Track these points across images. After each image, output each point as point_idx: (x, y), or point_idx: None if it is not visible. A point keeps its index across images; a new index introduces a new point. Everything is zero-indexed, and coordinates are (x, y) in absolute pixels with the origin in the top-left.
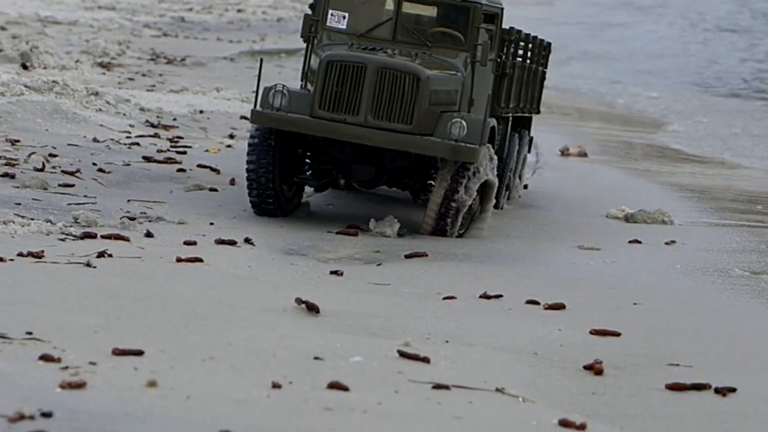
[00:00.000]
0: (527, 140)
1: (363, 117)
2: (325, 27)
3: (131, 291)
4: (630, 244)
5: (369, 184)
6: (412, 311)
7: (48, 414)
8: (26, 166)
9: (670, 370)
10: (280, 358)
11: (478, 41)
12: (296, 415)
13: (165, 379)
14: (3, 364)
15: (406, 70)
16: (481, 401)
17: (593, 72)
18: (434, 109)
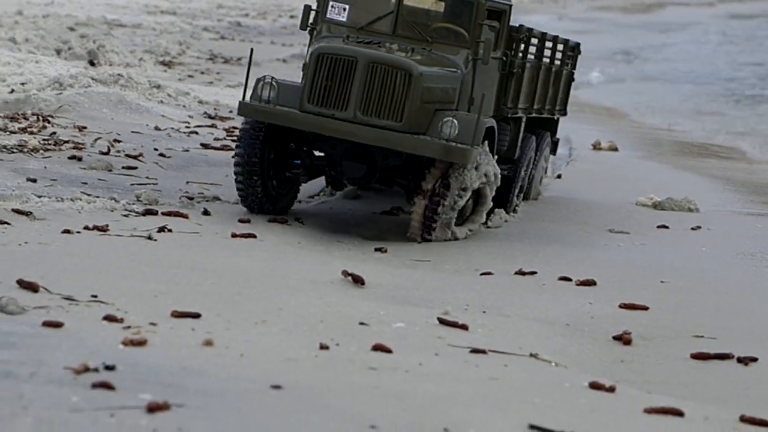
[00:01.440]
0: (548, 142)
1: (352, 112)
2: (325, 19)
3: (189, 262)
4: (658, 229)
5: (360, 182)
6: (451, 285)
7: (111, 367)
8: (92, 150)
9: (695, 342)
10: (327, 323)
11: (480, 38)
12: (342, 373)
13: (220, 339)
14: (70, 323)
15: (397, 65)
16: (515, 365)
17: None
18: (428, 107)
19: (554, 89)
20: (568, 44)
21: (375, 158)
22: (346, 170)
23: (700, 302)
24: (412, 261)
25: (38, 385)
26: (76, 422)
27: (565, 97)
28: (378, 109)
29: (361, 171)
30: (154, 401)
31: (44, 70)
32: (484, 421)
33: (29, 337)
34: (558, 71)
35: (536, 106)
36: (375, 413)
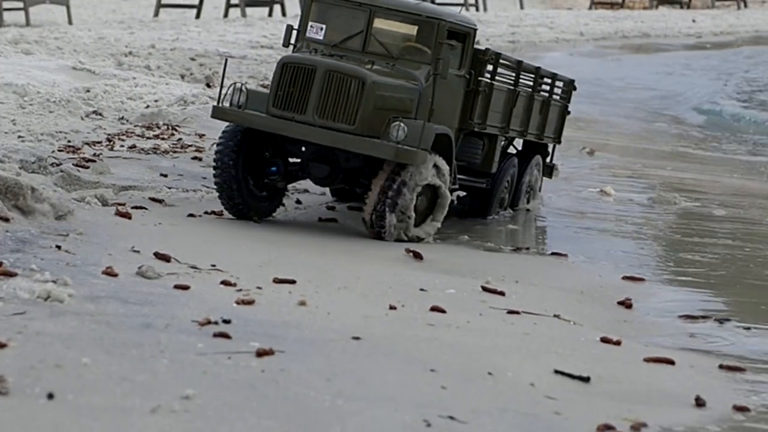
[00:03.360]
0: (536, 164)
1: (310, 116)
2: (305, 38)
3: (286, 240)
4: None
5: (324, 182)
6: (491, 260)
7: (227, 321)
8: (209, 152)
9: (684, 306)
10: (394, 289)
11: (440, 56)
12: (407, 328)
13: (312, 300)
14: (194, 287)
15: (351, 74)
16: (542, 323)
17: None
18: (381, 113)
19: (542, 117)
20: (556, 78)
21: (338, 160)
22: (312, 171)
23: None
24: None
25: (171, 334)
26: (201, 363)
27: (559, 127)
28: (334, 113)
29: (325, 172)
30: (262, 348)
31: (172, 90)
32: (519, 367)
33: (163, 296)
34: (545, 101)
35: (516, 128)
36: (434, 359)
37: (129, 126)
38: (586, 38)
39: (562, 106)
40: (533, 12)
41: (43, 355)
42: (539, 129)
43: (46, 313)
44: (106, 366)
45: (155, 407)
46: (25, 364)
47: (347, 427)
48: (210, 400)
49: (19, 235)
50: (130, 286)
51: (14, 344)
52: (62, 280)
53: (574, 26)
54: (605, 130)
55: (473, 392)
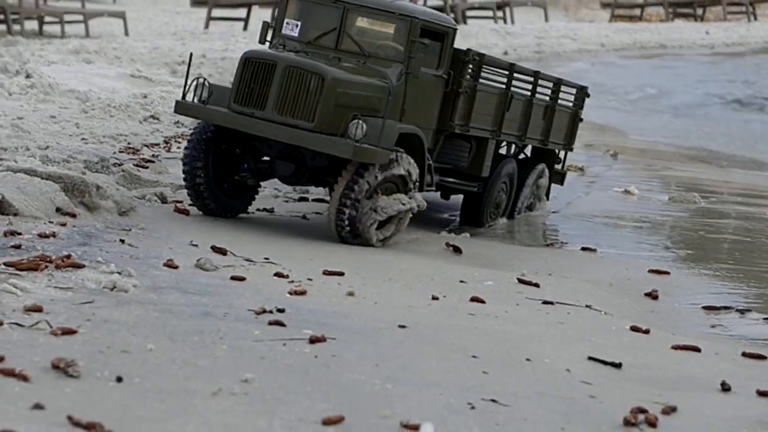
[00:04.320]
0: (540, 171)
1: (269, 112)
2: (280, 34)
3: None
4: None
5: (290, 180)
6: (525, 254)
7: (281, 310)
8: None
9: (707, 298)
10: (436, 281)
11: (412, 54)
12: (449, 317)
13: (359, 291)
14: (250, 278)
15: (312, 70)
16: (575, 313)
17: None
18: (344, 111)
19: (546, 122)
20: (561, 83)
21: (304, 158)
22: (278, 169)
23: (719, 267)
24: (494, 237)
25: (230, 322)
26: (258, 349)
27: (570, 133)
28: (293, 109)
29: (290, 170)
30: (315, 335)
31: None
32: (555, 354)
33: (221, 287)
34: (549, 106)
35: (510, 132)
36: (475, 346)
37: (184, 129)
38: (607, 49)
39: (572, 113)
40: (557, 24)
41: (111, 341)
42: (543, 135)
43: (112, 302)
44: (169, 351)
45: (216, 390)
46: (94, 350)
47: (396, 409)
48: (267, 384)
49: (86, 230)
50: (189, 278)
51: (84, 331)
52: (126, 272)
53: (595, 38)
54: (628, 133)
55: (513, 377)
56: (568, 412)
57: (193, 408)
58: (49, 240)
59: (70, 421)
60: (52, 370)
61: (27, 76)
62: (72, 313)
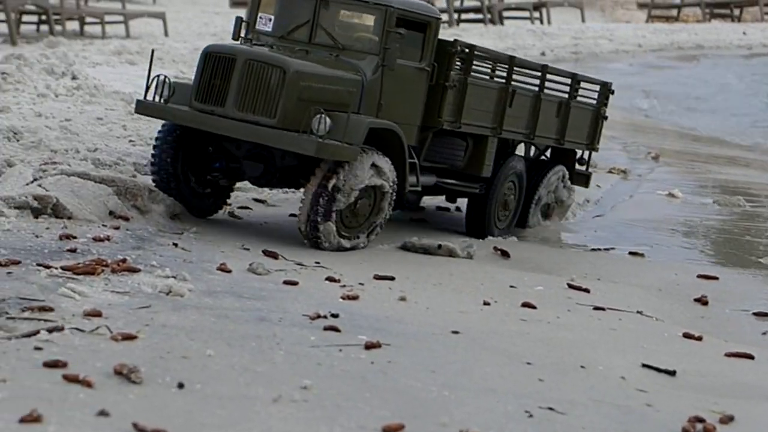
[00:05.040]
0: (559, 174)
1: (229, 109)
2: (255, 29)
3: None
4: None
5: (259, 181)
6: (572, 258)
7: (335, 315)
8: None
9: (757, 304)
10: (486, 285)
11: (387, 45)
12: (501, 323)
13: (410, 296)
14: (302, 282)
15: (272, 63)
16: (627, 319)
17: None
18: (308, 106)
19: (561, 120)
20: (576, 78)
21: (273, 158)
22: (246, 170)
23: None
24: (541, 241)
25: (285, 327)
26: (315, 355)
27: (592, 132)
28: (253, 105)
29: (259, 170)
30: (370, 341)
31: None
32: (609, 361)
33: (274, 291)
34: (563, 102)
35: (514, 129)
36: (528, 353)
37: None
38: (644, 50)
39: (594, 110)
40: (594, 25)
41: (170, 347)
42: (559, 133)
43: (169, 307)
44: (228, 357)
45: (277, 397)
46: (154, 355)
47: (455, 416)
48: (326, 390)
49: (138, 233)
50: (243, 282)
51: (143, 336)
52: (181, 276)
53: (632, 38)
54: (668, 135)
55: (568, 384)
56: (625, 420)
57: (255, 415)
58: (104, 244)
59: (136, 428)
60: (115, 375)
61: (73, 78)
62: (130, 317)
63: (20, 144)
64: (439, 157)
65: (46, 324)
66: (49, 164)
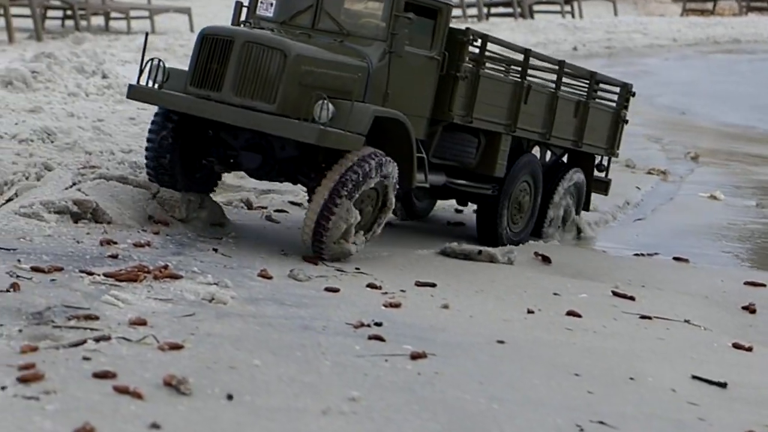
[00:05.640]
0: (576, 180)
1: (226, 93)
2: (255, 15)
3: (419, 243)
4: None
5: (257, 174)
6: (615, 263)
7: (379, 323)
8: None
9: None
10: (529, 292)
11: (395, 30)
12: (546, 331)
13: (453, 303)
14: (343, 289)
15: (272, 45)
16: (674, 328)
17: None
18: (310, 92)
19: (579, 121)
20: (595, 77)
21: (273, 148)
22: (243, 160)
23: None
24: (581, 246)
25: (329, 336)
26: (361, 365)
27: (612, 136)
28: (252, 90)
29: (257, 161)
30: (416, 351)
31: None
32: (658, 372)
33: (316, 298)
34: (581, 103)
35: (529, 128)
36: (576, 363)
37: None
38: (679, 44)
39: (614, 113)
40: (627, 18)
41: (217, 357)
42: (576, 135)
43: (212, 315)
44: (275, 367)
45: (325, 409)
46: (201, 365)
47: (505, 430)
48: (374, 402)
49: (178, 238)
50: (284, 288)
51: (189, 346)
52: (223, 283)
53: (666, 32)
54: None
55: (618, 397)
56: None
57: (305, 427)
58: (144, 249)
59: None
60: (164, 387)
61: (103, 77)
62: (175, 326)
63: (55, 145)
64: (449, 153)
65: (92, 333)
66: (87, 168)
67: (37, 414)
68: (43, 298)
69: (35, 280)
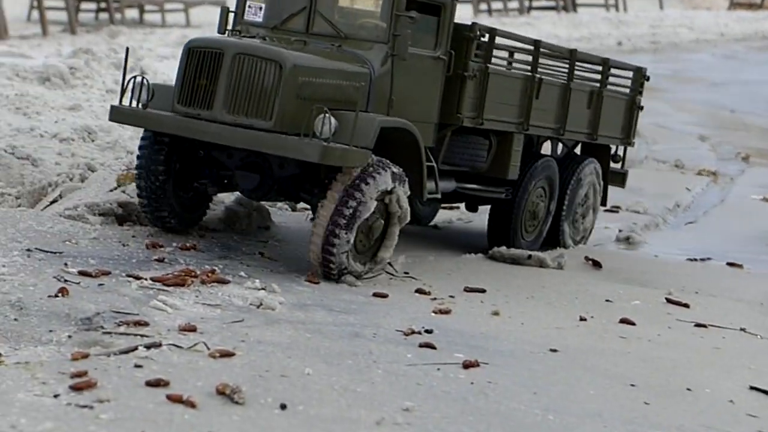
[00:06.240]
0: (592, 171)
1: (218, 111)
2: (243, 21)
3: (464, 246)
4: None
5: (255, 194)
6: (667, 269)
7: (429, 331)
8: None
9: None
10: (581, 299)
11: (397, 31)
12: (600, 340)
13: (504, 310)
14: (392, 295)
15: (266, 56)
16: (731, 337)
17: None
18: (309, 105)
19: (593, 112)
20: (608, 64)
21: (270, 167)
22: (239, 181)
23: None
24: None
25: (380, 343)
26: (413, 374)
27: (627, 124)
28: (246, 106)
29: (254, 182)
30: (468, 360)
31: None
32: (715, 383)
33: (365, 304)
34: (594, 92)
35: (542, 124)
36: (631, 373)
37: None
38: (726, 39)
39: (628, 100)
40: (672, 12)
41: (268, 365)
42: (591, 127)
43: (261, 321)
44: (327, 376)
45: (380, 419)
46: (254, 374)
47: None
48: (428, 412)
49: (223, 242)
50: (332, 294)
51: (240, 353)
52: (270, 288)
53: (713, 27)
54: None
55: (676, 408)
56: None
57: None
58: (190, 252)
59: None
60: (217, 395)
61: (142, 73)
62: (225, 333)
63: (96, 144)
64: (459, 158)
65: (142, 340)
66: (131, 170)
67: (92, 423)
68: (91, 303)
69: (83, 284)
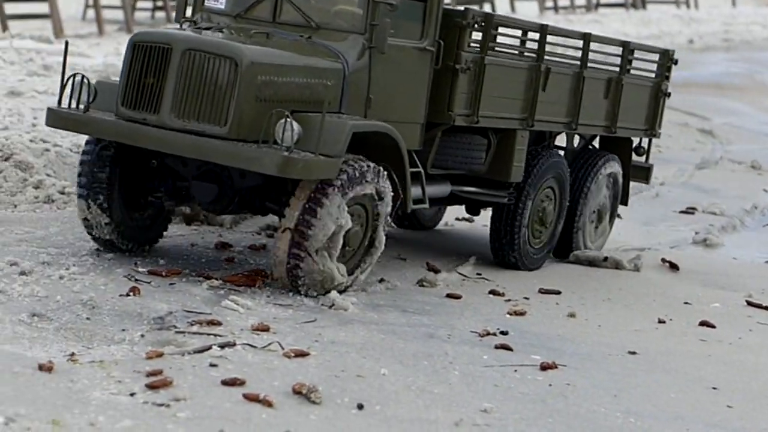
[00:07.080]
0: (610, 168)
1: (165, 116)
2: (203, 7)
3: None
4: None
5: (214, 207)
6: (746, 270)
7: (505, 332)
8: None
9: None
10: (658, 301)
11: (375, 20)
12: (680, 342)
13: (580, 312)
14: (466, 296)
15: (220, 52)
16: None
17: None
18: (268, 107)
19: (611, 101)
20: (628, 47)
21: (230, 177)
22: (195, 193)
23: None
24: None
25: (455, 345)
26: (490, 376)
27: (651, 114)
28: (197, 110)
29: (212, 193)
30: (545, 362)
31: None
32: None
33: (438, 305)
34: (613, 79)
35: (549, 118)
36: (712, 376)
37: None
38: None
39: (654, 86)
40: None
41: (343, 365)
42: (608, 119)
43: (334, 321)
44: (403, 377)
45: (458, 420)
46: (329, 374)
47: None
48: (507, 414)
49: None
50: (405, 294)
51: (314, 353)
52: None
53: None
54: None
55: (760, 412)
56: None
57: None
58: (260, 253)
59: None
60: (294, 395)
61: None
62: (298, 333)
63: None
64: (452, 161)
65: (216, 339)
66: None
67: (170, 421)
68: (163, 303)
69: (154, 284)
